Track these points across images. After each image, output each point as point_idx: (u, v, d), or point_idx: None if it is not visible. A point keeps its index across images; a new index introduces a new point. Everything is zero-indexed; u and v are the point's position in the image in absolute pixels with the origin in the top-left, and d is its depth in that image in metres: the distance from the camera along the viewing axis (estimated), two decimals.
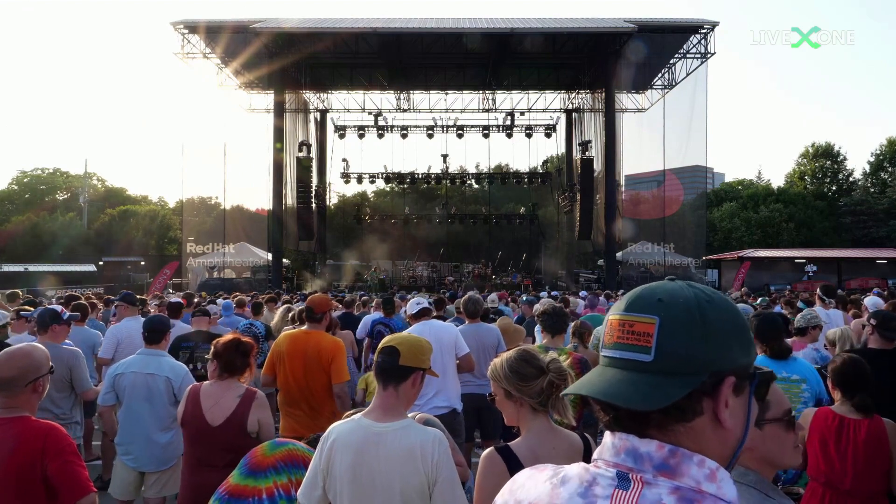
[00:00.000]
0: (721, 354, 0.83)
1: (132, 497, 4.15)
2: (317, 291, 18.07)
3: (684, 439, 0.83)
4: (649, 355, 0.83)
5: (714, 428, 0.84)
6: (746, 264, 30.78)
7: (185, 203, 34.35)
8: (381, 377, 2.37)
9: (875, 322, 3.81)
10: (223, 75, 27.55)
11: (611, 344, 0.88)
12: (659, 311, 0.85)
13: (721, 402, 0.83)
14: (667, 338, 0.83)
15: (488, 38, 24.07)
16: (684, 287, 0.88)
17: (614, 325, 0.89)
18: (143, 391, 4.10)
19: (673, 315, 0.84)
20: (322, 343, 4.48)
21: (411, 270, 29.97)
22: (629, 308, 0.88)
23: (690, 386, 0.81)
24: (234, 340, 3.46)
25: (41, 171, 55.38)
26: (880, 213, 41.81)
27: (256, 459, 2.78)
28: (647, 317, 0.85)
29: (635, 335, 0.85)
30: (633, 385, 0.82)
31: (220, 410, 3.34)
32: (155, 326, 4.37)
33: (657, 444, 0.82)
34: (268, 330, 7.94)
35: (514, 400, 2.23)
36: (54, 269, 33.55)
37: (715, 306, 0.86)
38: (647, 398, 0.80)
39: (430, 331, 5.08)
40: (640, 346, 0.84)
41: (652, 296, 0.87)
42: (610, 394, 0.83)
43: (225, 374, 3.44)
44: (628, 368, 0.85)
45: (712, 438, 0.84)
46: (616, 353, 0.87)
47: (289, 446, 2.78)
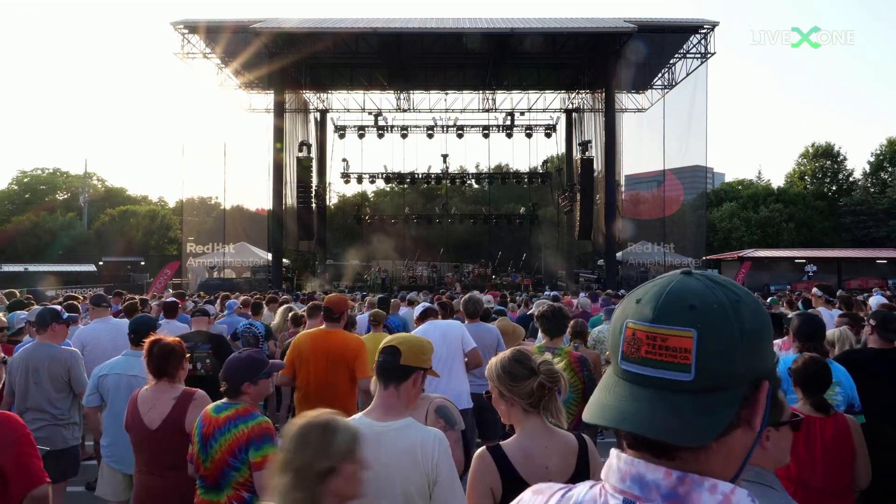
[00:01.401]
0: (758, 360, 0.78)
1: (123, 498, 4.12)
2: (315, 292, 18.07)
3: (714, 454, 0.76)
4: (689, 374, 0.74)
5: (744, 434, 0.78)
6: (746, 264, 30.81)
7: (185, 203, 34.36)
8: (382, 376, 2.37)
9: (875, 322, 3.81)
10: (223, 75, 27.55)
11: (638, 359, 0.78)
12: (694, 321, 0.76)
13: (759, 410, 0.78)
14: (707, 352, 0.74)
15: (488, 38, 24.07)
16: (712, 287, 0.79)
17: (640, 338, 0.78)
18: (126, 393, 4.04)
19: (710, 325, 0.75)
20: (346, 341, 4.59)
21: (411, 270, 29.98)
22: (659, 319, 0.77)
23: (736, 403, 0.75)
24: (158, 343, 3.44)
25: (41, 171, 55.36)
26: (880, 213, 41.82)
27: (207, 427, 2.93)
28: (683, 330, 0.75)
29: (670, 351, 0.76)
30: (678, 413, 0.74)
31: (156, 413, 3.33)
32: (140, 328, 4.32)
33: (664, 472, 0.76)
34: (268, 330, 7.93)
35: (506, 399, 2.23)
36: (54, 269, 33.57)
37: (746, 307, 0.78)
38: (700, 430, 0.73)
39: (435, 329, 5.08)
40: (677, 364, 0.75)
41: (682, 302, 0.77)
42: (656, 429, 0.74)
43: (158, 376, 3.43)
44: (663, 388, 0.76)
45: (740, 444, 0.78)
46: (647, 371, 0.77)
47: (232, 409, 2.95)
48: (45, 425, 4.53)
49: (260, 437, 2.88)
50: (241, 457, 2.86)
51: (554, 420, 2.25)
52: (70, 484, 4.97)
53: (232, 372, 3.06)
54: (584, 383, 4.33)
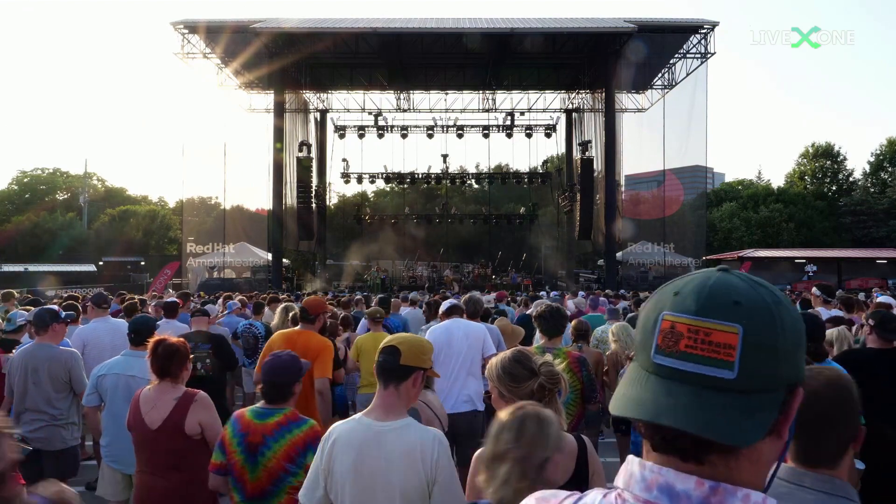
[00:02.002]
0: (795, 364, 0.75)
1: (122, 498, 4.12)
2: (316, 292, 18.09)
3: (744, 461, 0.73)
4: (732, 372, 0.71)
5: (774, 442, 0.75)
6: (746, 264, 30.81)
7: (185, 203, 34.37)
8: (382, 376, 2.38)
9: (874, 322, 3.80)
10: (223, 75, 27.56)
11: (676, 353, 0.74)
12: (740, 317, 0.72)
13: (790, 417, 0.75)
14: (751, 351, 0.71)
15: (488, 38, 24.07)
16: (755, 286, 0.76)
17: (680, 331, 0.74)
18: (124, 393, 4.06)
19: (755, 323, 0.72)
20: (310, 341, 4.59)
21: (411, 270, 29.99)
22: (703, 311, 0.73)
23: (776, 407, 0.72)
24: (163, 344, 3.42)
25: (41, 171, 55.38)
26: (880, 213, 41.82)
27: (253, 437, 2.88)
28: (728, 325, 0.71)
29: (713, 346, 0.72)
30: (722, 412, 0.70)
31: (157, 414, 3.33)
32: (139, 328, 4.32)
33: (696, 481, 0.71)
34: (267, 330, 7.94)
35: (506, 400, 2.24)
36: (54, 269, 33.60)
37: (786, 309, 0.75)
38: (745, 431, 0.69)
39: (458, 327, 5.08)
40: (720, 361, 0.71)
41: (727, 297, 0.74)
42: (700, 425, 0.70)
43: (161, 377, 3.42)
44: (703, 385, 0.72)
45: (770, 452, 0.75)
46: (687, 367, 0.73)
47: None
48: (44, 426, 4.55)
49: (316, 441, 2.81)
50: (300, 461, 2.83)
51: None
52: (70, 484, 4.98)
53: (281, 374, 2.99)
54: (583, 384, 4.33)
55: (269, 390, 2.99)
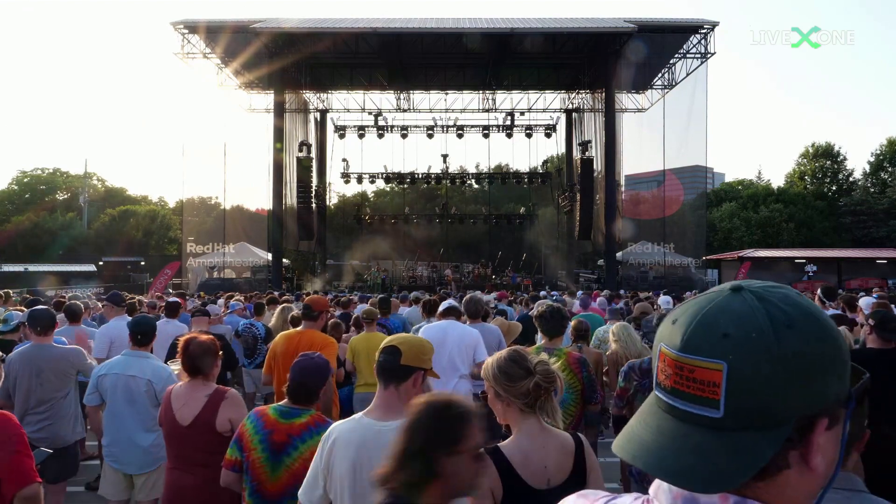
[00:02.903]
0: (811, 397, 0.67)
1: (123, 498, 4.14)
2: (317, 292, 18.09)
3: (763, 493, 0.68)
4: (718, 411, 0.66)
5: (801, 475, 0.68)
6: (746, 264, 30.81)
7: (185, 203, 34.36)
8: (382, 376, 2.38)
9: (874, 322, 3.81)
10: (223, 75, 27.55)
11: (668, 388, 0.71)
12: (726, 351, 0.67)
13: (813, 450, 0.68)
14: (739, 388, 0.66)
15: (488, 38, 24.07)
16: (756, 308, 0.69)
17: (670, 365, 0.71)
18: (124, 393, 4.08)
19: (744, 357, 0.66)
20: (314, 339, 4.62)
21: (411, 270, 29.99)
22: (686, 348, 0.69)
23: (774, 445, 0.66)
24: (195, 341, 3.43)
25: (41, 171, 55.35)
26: (880, 213, 41.82)
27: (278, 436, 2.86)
28: (712, 362, 0.67)
29: (698, 384, 0.68)
30: (701, 453, 0.66)
31: (189, 410, 3.34)
32: (140, 328, 4.34)
33: (720, 497, 0.68)
34: (268, 331, 7.94)
35: (502, 400, 2.23)
36: (54, 269, 33.61)
37: (799, 333, 0.67)
38: (723, 477, 0.65)
39: (453, 330, 5.08)
40: (704, 399, 0.67)
41: (715, 328, 0.68)
42: (673, 472, 0.67)
43: (193, 374, 3.43)
44: (692, 422, 0.68)
45: (797, 486, 0.69)
46: (677, 403, 0.70)
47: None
48: (48, 424, 4.59)
49: None
50: None
51: (550, 420, 2.25)
52: (70, 484, 4.99)
53: (310, 377, 2.98)
54: (583, 384, 4.32)
55: (298, 391, 2.97)
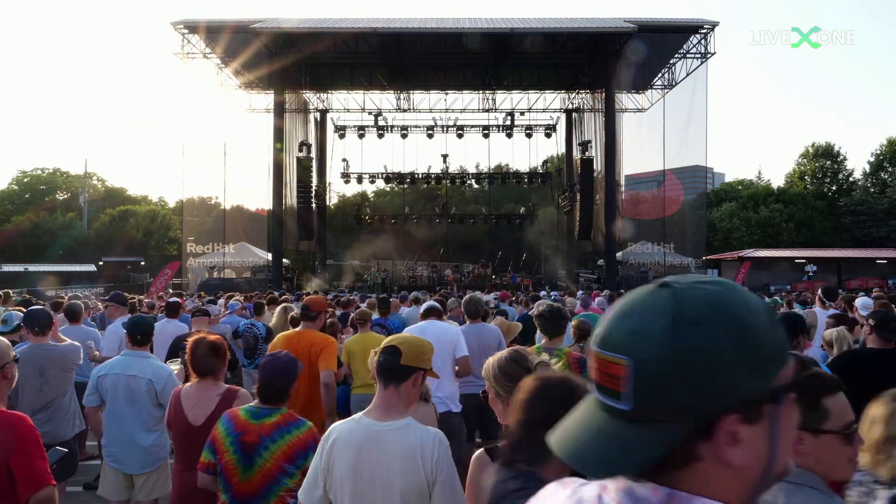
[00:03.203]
0: (712, 392, 0.69)
1: (123, 498, 4.14)
2: (317, 292, 18.09)
3: (686, 483, 0.72)
4: (625, 403, 0.71)
5: (719, 468, 0.71)
6: (746, 264, 30.80)
7: (185, 203, 34.35)
8: (382, 376, 2.38)
9: (873, 322, 3.81)
10: (223, 75, 27.54)
11: (594, 382, 0.76)
12: (631, 348, 0.71)
13: (720, 444, 0.70)
14: (641, 382, 0.70)
15: (488, 38, 24.06)
16: (666, 308, 0.72)
17: (594, 361, 0.76)
18: (124, 393, 4.08)
19: (647, 352, 0.70)
20: (313, 339, 4.60)
21: (411, 270, 29.98)
22: (603, 343, 0.74)
23: (670, 441, 0.70)
24: (203, 342, 3.43)
25: (41, 171, 55.34)
26: (880, 213, 41.82)
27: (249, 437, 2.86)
28: (619, 357, 0.71)
29: (609, 377, 0.73)
30: (602, 440, 0.72)
31: (201, 411, 3.35)
32: (138, 328, 4.35)
33: (653, 487, 0.72)
34: (268, 331, 7.93)
35: (502, 400, 2.24)
36: (54, 269, 33.60)
37: (704, 330, 0.70)
38: (608, 462, 0.71)
39: (431, 329, 5.09)
40: (614, 391, 0.72)
41: (625, 326, 0.73)
42: (578, 456, 0.73)
43: (202, 375, 3.43)
44: (609, 413, 0.73)
45: (720, 479, 0.71)
46: (599, 395, 0.75)
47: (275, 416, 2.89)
48: (49, 421, 4.65)
49: (315, 443, 2.83)
50: (299, 462, 2.82)
51: None
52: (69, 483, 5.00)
53: (280, 376, 2.97)
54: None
55: (267, 390, 2.97)
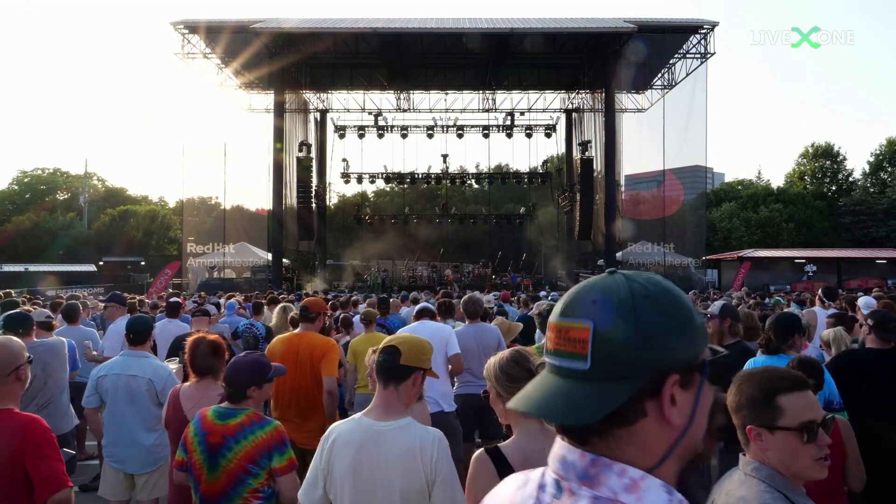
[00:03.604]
0: (661, 354, 0.80)
1: (124, 498, 4.14)
2: (317, 292, 18.08)
3: (624, 442, 0.81)
4: (586, 363, 0.80)
5: (659, 426, 0.81)
6: (746, 264, 30.78)
7: (185, 203, 34.38)
8: (382, 376, 2.38)
9: (872, 322, 3.80)
10: (223, 75, 27.54)
11: (552, 350, 0.85)
12: (593, 314, 0.81)
13: (665, 402, 0.81)
14: (602, 343, 0.79)
15: (488, 38, 24.06)
16: (621, 284, 0.83)
17: (553, 330, 0.85)
18: (124, 393, 4.09)
19: (607, 318, 0.80)
20: (314, 342, 4.53)
21: (411, 270, 29.98)
22: (564, 312, 0.84)
23: (627, 393, 0.79)
24: (203, 341, 3.42)
25: (41, 171, 55.33)
26: (880, 213, 41.82)
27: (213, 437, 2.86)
28: (581, 322, 0.81)
29: (571, 342, 0.82)
30: (569, 398, 0.80)
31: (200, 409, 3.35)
32: (138, 327, 4.35)
33: (580, 454, 0.82)
34: (268, 331, 7.93)
35: (503, 400, 2.24)
36: (54, 269, 33.60)
37: (654, 302, 0.82)
38: (581, 413, 0.78)
39: (423, 329, 5.10)
40: (576, 354, 0.81)
41: (586, 297, 0.84)
42: (544, 408, 0.82)
43: (201, 374, 3.42)
44: (567, 377, 0.82)
45: (655, 436, 0.82)
46: (556, 361, 0.84)
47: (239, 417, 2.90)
48: (48, 416, 4.62)
49: (281, 443, 2.85)
50: (263, 463, 2.81)
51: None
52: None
53: (237, 375, 2.97)
54: None
55: (228, 390, 2.98)
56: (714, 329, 4.50)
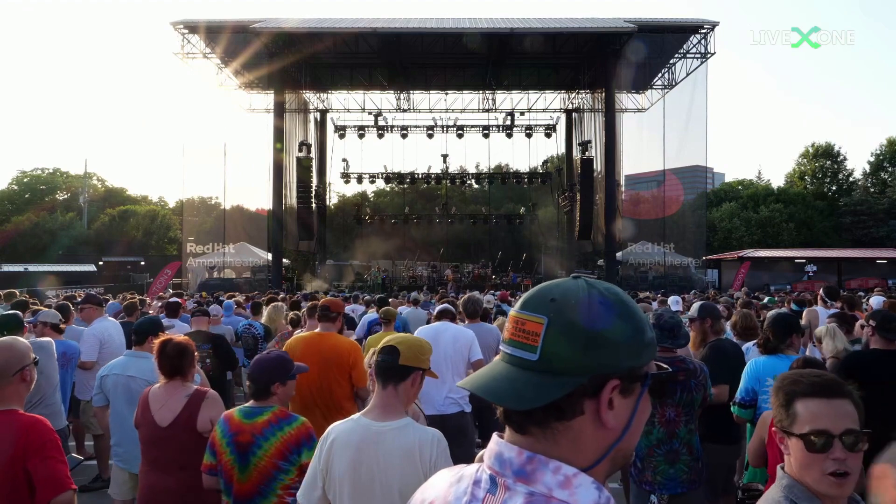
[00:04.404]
0: (605, 357, 0.83)
1: (129, 497, 4.16)
2: (317, 292, 18.07)
3: (561, 437, 0.84)
4: (535, 355, 0.84)
5: (595, 427, 0.85)
6: (746, 264, 30.78)
7: (185, 203, 34.37)
8: (381, 376, 2.37)
9: (875, 323, 3.79)
10: (223, 75, 27.55)
11: (507, 340, 0.89)
12: (549, 311, 0.85)
13: (603, 404, 0.84)
14: (552, 339, 0.83)
15: (488, 38, 24.06)
16: (581, 288, 0.88)
17: (511, 321, 0.89)
18: (123, 393, 4.13)
19: (560, 315, 0.84)
20: (340, 345, 4.45)
21: (411, 270, 29.97)
22: (524, 306, 0.88)
23: (567, 388, 0.82)
24: (171, 343, 3.41)
25: (41, 171, 55.28)
26: (880, 213, 41.83)
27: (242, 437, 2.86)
28: (538, 316, 0.85)
29: (525, 333, 0.86)
30: (513, 384, 0.84)
31: (168, 412, 3.32)
32: (141, 328, 4.38)
33: (517, 451, 0.85)
34: (266, 330, 7.93)
35: None
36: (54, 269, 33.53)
37: (608, 308, 0.86)
38: (521, 398, 0.82)
39: (446, 332, 5.09)
40: (527, 345, 0.85)
41: (546, 295, 0.88)
42: (489, 390, 0.85)
43: (170, 376, 3.41)
44: (516, 365, 0.86)
45: (591, 436, 0.85)
46: (508, 350, 0.88)
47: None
48: (45, 417, 4.61)
49: (309, 438, 2.86)
50: (293, 458, 2.83)
51: None
52: None
53: (261, 372, 2.98)
54: None
55: (254, 388, 2.99)
56: (696, 330, 4.53)
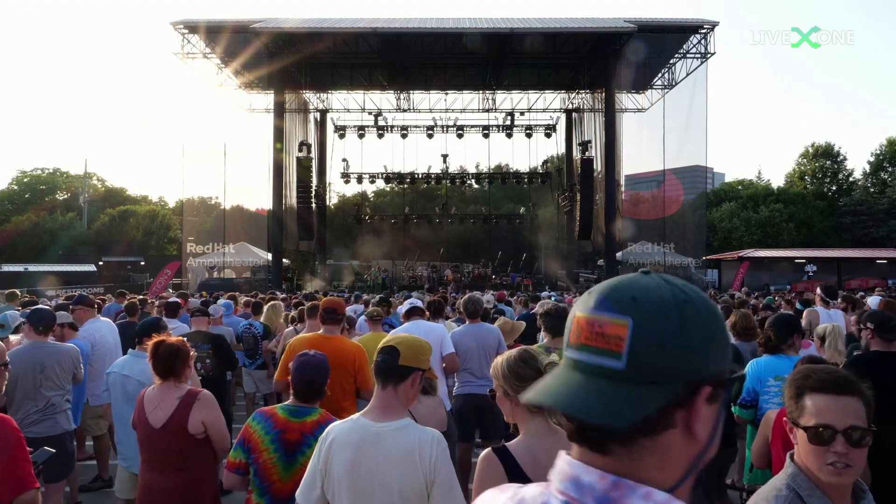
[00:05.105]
0: (698, 362, 0.75)
1: (132, 496, 4.17)
2: (317, 292, 18.07)
3: (648, 455, 0.75)
4: (621, 362, 0.74)
5: (685, 441, 0.77)
6: (746, 264, 30.79)
7: (185, 203, 34.37)
8: (381, 376, 2.37)
9: (873, 325, 3.79)
10: (223, 75, 27.54)
11: (577, 344, 0.79)
12: (633, 311, 0.75)
13: (696, 413, 0.76)
14: (641, 343, 0.74)
15: (488, 38, 24.06)
16: (661, 284, 0.78)
17: (581, 324, 0.79)
18: (121, 392, 4.18)
19: (648, 317, 0.75)
20: (345, 348, 4.47)
21: (411, 270, 29.97)
22: (600, 306, 0.78)
23: (664, 398, 0.73)
24: (164, 344, 3.42)
25: (41, 171, 55.26)
26: (880, 213, 41.83)
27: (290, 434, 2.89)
28: (620, 318, 0.75)
29: (605, 338, 0.76)
30: (602, 397, 0.74)
31: (161, 413, 3.33)
32: (142, 329, 4.41)
33: (599, 475, 0.75)
34: (266, 330, 7.93)
35: (510, 399, 2.23)
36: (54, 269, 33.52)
37: (693, 307, 0.77)
38: (617, 414, 0.72)
39: (417, 330, 5.10)
40: (610, 351, 0.75)
41: (626, 292, 0.77)
42: (576, 407, 0.74)
43: (163, 377, 3.42)
44: (596, 375, 0.76)
45: (679, 452, 0.77)
46: (583, 357, 0.77)
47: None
48: (44, 419, 4.66)
49: None
50: None
51: (556, 420, 2.25)
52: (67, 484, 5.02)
53: (316, 373, 3.00)
54: None
55: (305, 389, 3.00)
56: None
